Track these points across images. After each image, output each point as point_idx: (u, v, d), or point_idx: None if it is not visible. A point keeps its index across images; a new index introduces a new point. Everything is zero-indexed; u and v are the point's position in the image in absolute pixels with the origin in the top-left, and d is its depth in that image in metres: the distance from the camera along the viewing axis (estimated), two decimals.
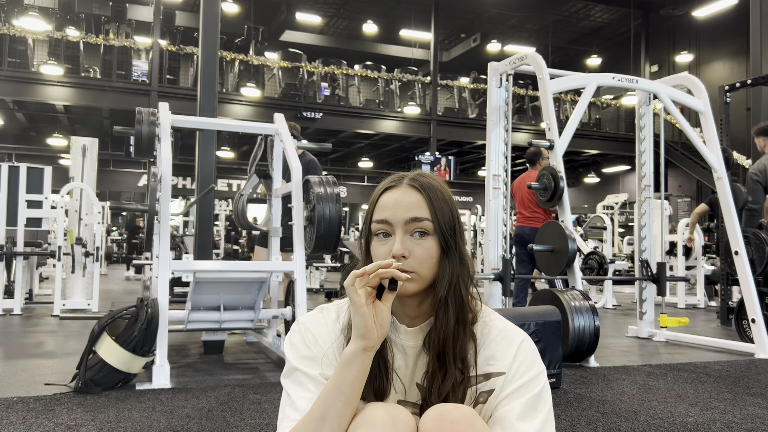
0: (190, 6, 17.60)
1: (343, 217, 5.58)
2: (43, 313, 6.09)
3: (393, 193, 1.04)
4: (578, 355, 3.83)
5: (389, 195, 1.04)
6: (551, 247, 4.19)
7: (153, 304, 3.14)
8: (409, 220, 1.01)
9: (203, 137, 5.03)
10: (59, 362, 3.67)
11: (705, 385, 3.31)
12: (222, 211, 17.66)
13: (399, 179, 1.06)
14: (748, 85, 5.90)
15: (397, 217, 1.01)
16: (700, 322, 5.97)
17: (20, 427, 2.33)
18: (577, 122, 4.42)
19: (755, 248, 4.88)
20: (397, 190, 1.04)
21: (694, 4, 16.08)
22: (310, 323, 1.07)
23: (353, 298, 0.94)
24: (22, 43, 13.15)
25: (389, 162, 21.70)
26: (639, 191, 5.25)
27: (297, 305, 3.49)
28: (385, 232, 1.03)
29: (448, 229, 1.02)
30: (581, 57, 20.95)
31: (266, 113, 13.55)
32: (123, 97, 13.41)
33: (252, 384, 3.16)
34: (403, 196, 1.03)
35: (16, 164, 6.02)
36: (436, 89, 16.51)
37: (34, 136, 18.09)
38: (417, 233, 1.01)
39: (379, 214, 1.03)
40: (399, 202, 1.02)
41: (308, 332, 1.06)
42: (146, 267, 5.63)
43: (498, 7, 18.36)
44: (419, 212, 1.01)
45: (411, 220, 1.01)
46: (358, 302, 0.94)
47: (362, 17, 19.29)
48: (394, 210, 1.02)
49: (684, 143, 16.62)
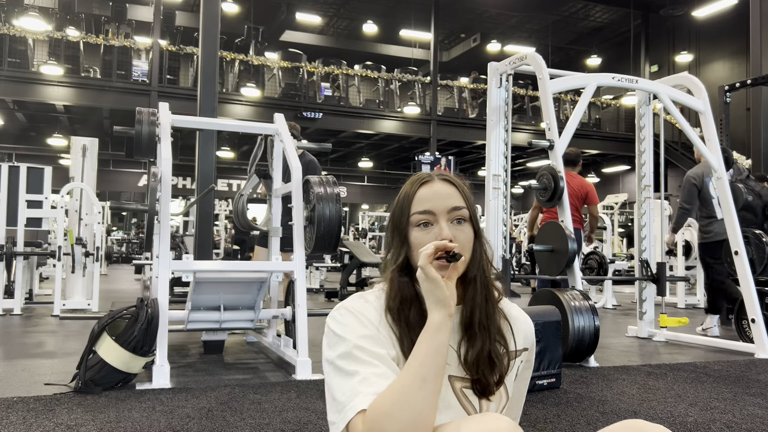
0: (190, 6, 17.60)
1: (343, 217, 5.58)
2: (43, 313, 6.09)
3: (430, 186, 1.14)
4: (578, 355, 3.83)
5: (426, 188, 1.14)
6: (551, 247, 4.19)
7: (153, 304, 3.14)
8: (451, 209, 1.12)
9: (203, 137, 5.03)
10: (59, 362, 3.68)
11: (705, 385, 3.31)
12: (222, 211, 17.67)
13: (429, 176, 1.16)
14: (748, 85, 5.92)
15: (440, 207, 1.11)
16: (700, 322, 5.95)
17: (20, 427, 2.33)
18: (577, 122, 4.42)
19: (755, 248, 4.89)
20: (434, 184, 1.15)
21: (694, 4, 16.08)
22: (360, 307, 1.13)
23: (431, 273, 1.03)
24: (22, 43, 13.15)
25: (389, 162, 21.70)
26: (639, 191, 5.25)
27: (297, 305, 3.49)
28: (426, 221, 1.12)
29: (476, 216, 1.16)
30: (581, 57, 20.95)
31: (266, 113, 13.55)
32: (123, 97, 13.41)
33: (252, 384, 3.16)
34: (441, 189, 1.14)
35: (16, 164, 6.02)
36: (436, 89, 16.51)
37: (34, 136, 18.09)
38: (456, 221, 1.12)
39: (419, 206, 1.12)
40: (438, 194, 1.13)
41: (361, 315, 1.11)
42: (146, 267, 5.64)
43: (498, 7, 18.37)
44: (457, 202, 1.13)
45: (453, 208, 1.12)
46: (436, 276, 1.04)
47: (362, 17, 19.29)
48: (435, 201, 1.12)
49: (684, 143, 16.62)
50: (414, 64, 18.80)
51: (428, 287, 1.05)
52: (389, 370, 1.04)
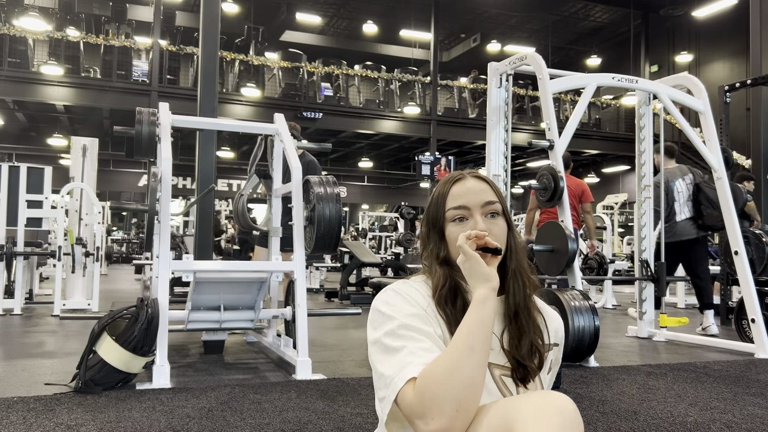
0: (190, 6, 17.60)
1: (343, 217, 5.58)
2: (43, 313, 6.09)
3: (463, 183, 1.20)
4: (578, 355, 3.83)
5: (460, 185, 1.20)
6: (551, 247, 4.19)
7: (153, 304, 3.14)
8: (484, 203, 1.17)
9: (203, 137, 5.03)
10: (59, 362, 3.68)
11: (705, 385, 3.31)
12: (222, 211, 17.66)
13: (461, 174, 1.22)
14: (748, 85, 5.91)
15: (474, 202, 1.17)
16: (699, 322, 5.95)
17: (20, 427, 2.33)
18: (577, 122, 4.42)
19: (755, 248, 4.89)
20: (466, 181, 1.20)
21: (694, 4, 16.08)
22: (408, 289, 1.17)
23: (468, 251, 1.09)
24: (23, 43, 13.15)
25: (389, 162, 21.70)
26: (639, 191, 5.25)
27: (297, 305, 3.49)
28: (462, 216, 1.18)
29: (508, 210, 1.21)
30: (581, 57, 20.95)
31: (266, 113, 13.55)
32: (123, 97, 13.41)
33: (252, 384, 3.16)
34: (474, 185, 1.19)
35: (16, 164, 6.02)
36: (436, 89, 16.51)
37: (35, 136, 18.09)
38: (490, 215, 1.18)
39: (455, 202, 1.18)
40: (472, 190, 1.18)
41: (409, 296, 1.15)
42: (146, 267, 5.63)
43: (498, 7, 18.37)
44: (490, 196, 1.18)
45: (486, 203, 1.17)
46: (474, 253, 1.09)
47: (362, 17, 19.29)
48: (469, 197, 1.18)
49: (684, 143, 16.61)
50: (414, 64, 18.80)
51: (470, 266, 1.09)
52: (435, 346, 1.07)
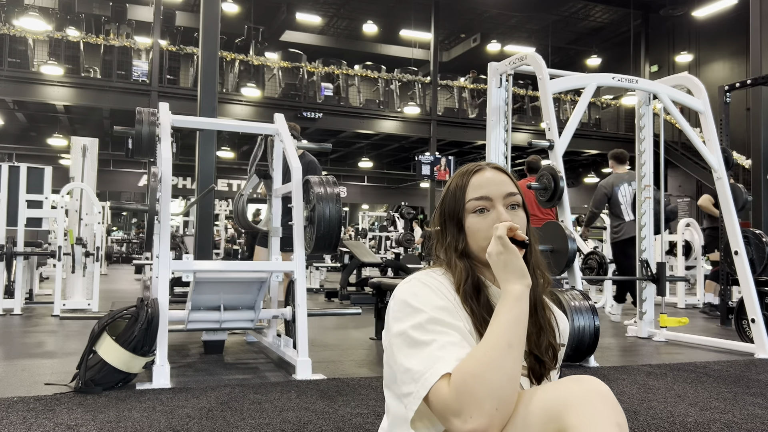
0: (190, 6, 17.60)
1: (343, 217, 5.58)
2: (43, 313, 6.09)
3: (483, 174, 1.16)
4: (578, 355, 3.83)
5: (479, 176, 1.16)
6: (551, 247, 4.19)
7: (153, 304, 3.14)
8: (507, 194, 1.14)
9: (203, 137, 5.03)
10: (59, 362, 3.68)
11: (705, 385, 3.31)
12: (222, 211, 17.66)
13: (479, 165, 1.19)
14: (748, 85, 5.91)
15: (496, 192, 1.14)
16: (700, 322, 5.97)
17: (20, 427, 2.33)
18: (577, 122, 4.42)
19: (755, 248, 4.89)
20: (486, 171, 1.17)
21: (694, 4, 16.08)
22: (434, 281, 1.13)
23: (509, 244, 1.05)
24: (23, 43, 13.15)
25: (389, 162, 21.69)
26: (639, 191, 5.25)
27: (297, 305, 3.49)
28: (483, 207, 1.14)
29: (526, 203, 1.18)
30: (581, 57, 20.95)
31: (266, 113, 13.55)
32: (123, 97, 13.41)
33: (252, 384, 3.16)
34: (495, 176, 1.16)
35: (16, 164, 6.01)
36: (436, 89, 16.51)
37: (35, 136, 18.09)
38: (511, 206, 1.15)
39: (476, 192, 1.14)
40: (492, 180, 1.15)
41: (436, 288, 1.11)
42: (146, 267, 5.64)
43: (498, 7, 18.36)
44: (512, 188, 1.16)
45: (508, 194, 1.14)
46: (513, 246, 1.06)
47: (362, 17, 19.29)
48: (491, 187, 1.14)
49: (684, 143, 16.63)
50: (414, 64, 18.80)
51: (506, 258, 1.05)
52: (465, 341, 1.04)
